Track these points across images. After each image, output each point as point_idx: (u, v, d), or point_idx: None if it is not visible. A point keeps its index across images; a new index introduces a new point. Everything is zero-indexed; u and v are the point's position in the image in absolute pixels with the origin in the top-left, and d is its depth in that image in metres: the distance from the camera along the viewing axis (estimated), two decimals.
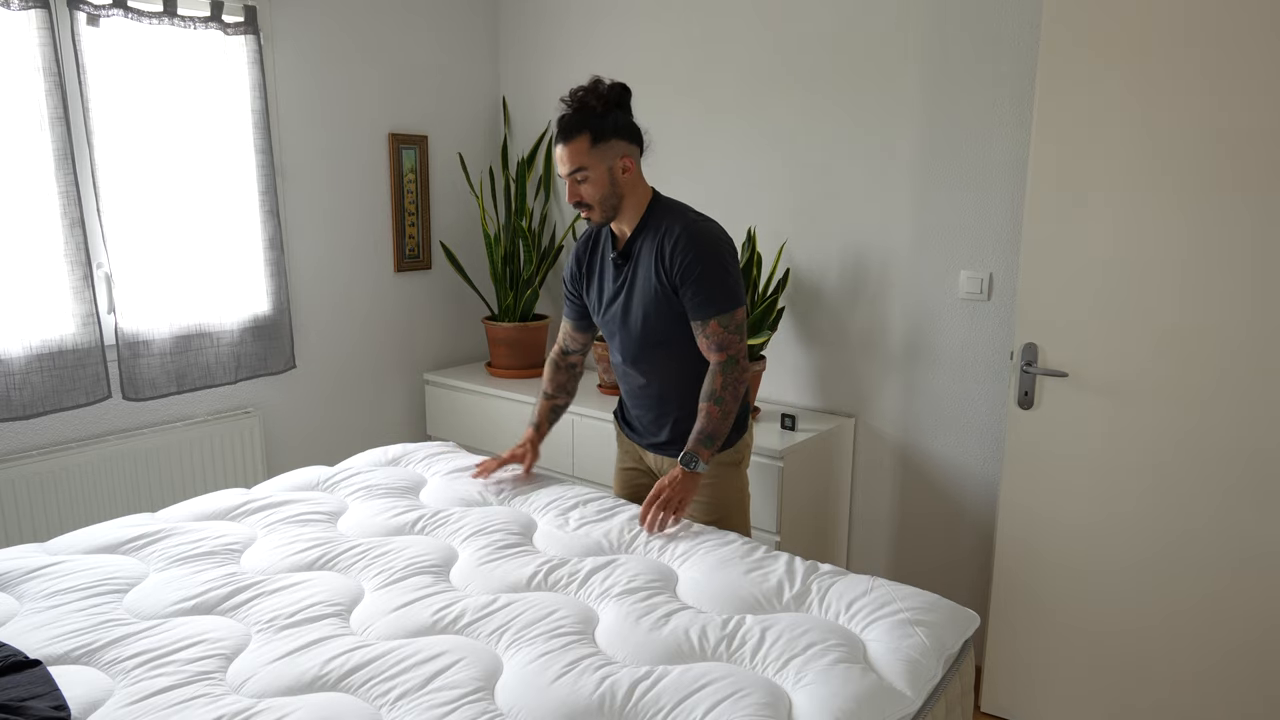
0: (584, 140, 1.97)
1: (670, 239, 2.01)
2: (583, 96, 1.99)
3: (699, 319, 2.02)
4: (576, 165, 1.98)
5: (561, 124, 1.99)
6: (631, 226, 2.09)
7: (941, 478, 2.75)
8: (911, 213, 2.68)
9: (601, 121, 1.98)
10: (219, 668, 1.48)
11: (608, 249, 2.16)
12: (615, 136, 2.00)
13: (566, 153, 1.99)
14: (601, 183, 2.00)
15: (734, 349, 2.03)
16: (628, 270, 2.10)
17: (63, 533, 2.54)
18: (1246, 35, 1.93)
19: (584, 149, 1.98)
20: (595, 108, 1.98)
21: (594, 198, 2.02)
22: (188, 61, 2.70)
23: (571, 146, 1.98)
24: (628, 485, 2.36)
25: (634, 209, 2.07)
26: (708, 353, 2.05)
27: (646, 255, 2.06)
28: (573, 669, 1.46)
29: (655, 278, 2.03)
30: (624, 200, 2.05)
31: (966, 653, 1.70)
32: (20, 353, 2.46)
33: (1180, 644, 2.22)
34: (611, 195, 2.03)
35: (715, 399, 2.03)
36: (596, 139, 1.98)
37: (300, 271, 3.14)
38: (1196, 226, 2.05)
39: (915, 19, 2.58)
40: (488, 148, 3.69)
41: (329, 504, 2.15)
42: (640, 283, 2.07)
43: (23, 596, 1.70)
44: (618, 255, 2.11)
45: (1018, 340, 2.30)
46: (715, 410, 2.03)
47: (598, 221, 2.07)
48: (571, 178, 2.01)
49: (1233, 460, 2.09)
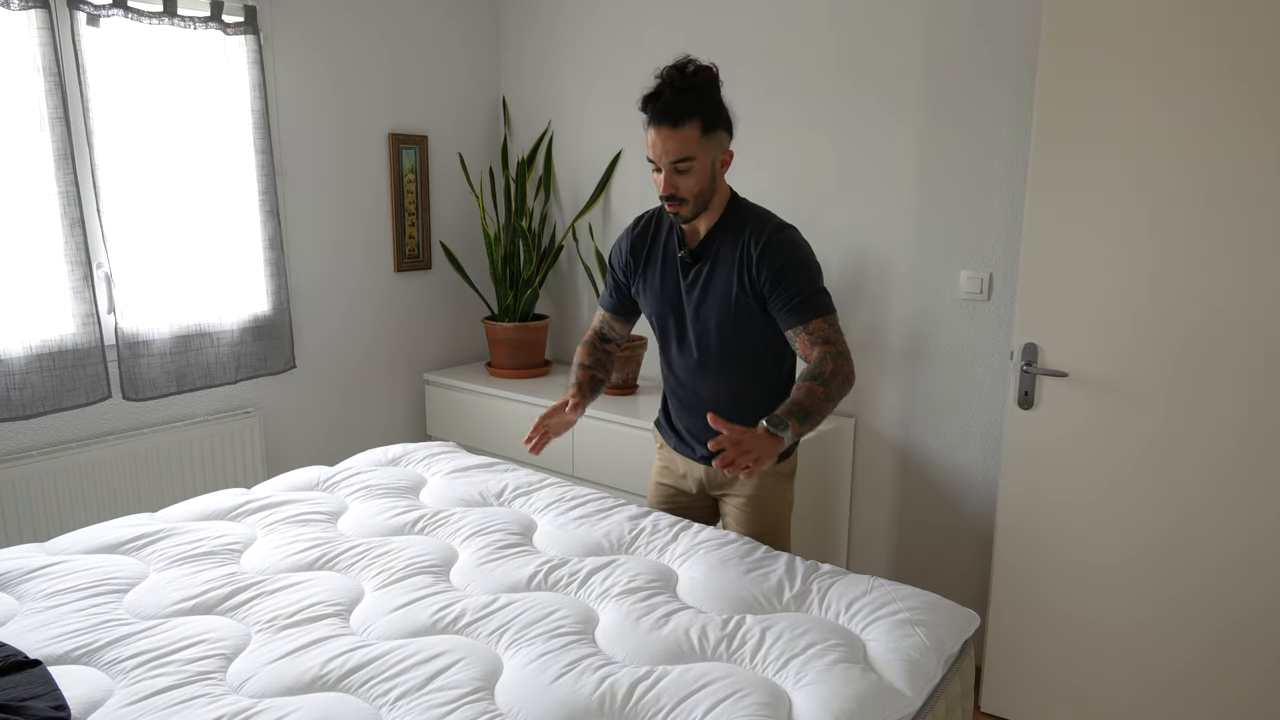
0: (695, 127, 1.78)
1: (757, 244, 1.86)
2: (692, 77, 1.78)
3: (800, 321, 1.86)
4: (684, 154, 1.79)
5: (667, 106, 1.77)
6: (708, 225, 1.93)
7: (941, 478, 2.75)
8: (911, 213, 2.68)
9: (714, 108, 1.81)
10: (219, 668, 1.48)
11: (671, 243, 2.00)
12: (722, 127, 1.84)
13: (674, 139, 1.78)
14: (704, 176, 1.83)
15: (841, 345, 1.86)
16: (701, 270, 1.95)
17: (63, 533, 2.54)
18: (1247, 35, 1.93)
19: (694, 137, 1.78)
20: (706, 91, 1.80)
21: (691, 191, 1.84)
22: (188, 61, 2.70)
23: (681, 133, 1.78)
24: (665, 501, 2.23)
25: (716, 207, 1.92)
26: (810, 348, 1.86)
27: (727, 258, 1.91)
28: (573, 669, 1.46)
29: (737, 283, 1.89)
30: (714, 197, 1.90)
31: (966, 653, 1.70)
32: (20, 353, 2.46)
33: (1180, 644, 2.22)
34: (708, 190, 1.86)
35: (823, 380, 1.80)
36: (708, 127, 1.79)
37: (300, 271, 3.14)
38: (1196, 226, 2.05)
39: (916, 19, 2.58)
40: (488, 148, 3.69)
41: (329, 504, 2.15)
42: (718, 285, 1.92)
43: (23, 596, 1.70)
44: (688, 254, 1.96)
45: (1018, 340, 2.30)
46: (820, 390, 1.79)
47: (686, 218, 1.88)
48: (673, 168, 1.81)
49: (1233, 460, 2.09)
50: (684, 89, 1.77)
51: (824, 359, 1.83)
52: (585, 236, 3.51)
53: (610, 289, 2.16)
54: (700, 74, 1.79)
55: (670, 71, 1.79)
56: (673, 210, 1.87)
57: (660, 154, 1.81)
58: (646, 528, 2.01)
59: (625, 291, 2.12)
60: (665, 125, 1.78)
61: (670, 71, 1.79)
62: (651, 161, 1.84)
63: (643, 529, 2.00)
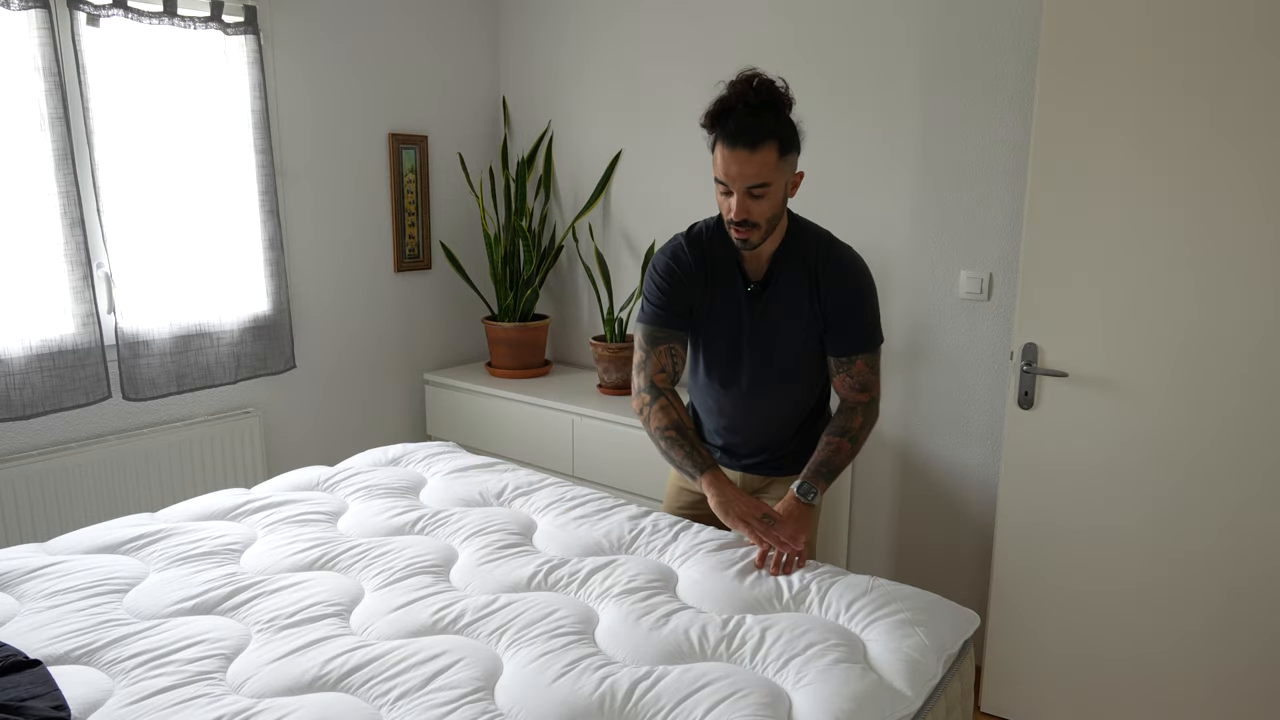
0: (772, 150, 1.64)
1: (826, 268, 1.79)
2: (768, 95, 1.65)
3: (845, 355, 1.82)
4: (761, 180, 1.65)
5: (744, 127, 1.63)
6: (772, 248, 1.82)
7: (941, 478, 2.75)
8: (911, 213, 2.68)
9: (791, 130, 1.68)
10: (219, 668, 1.48)
11: (730, 271, 1.85)
12: (796, 148, 1.71)
13: (752, 163, 1.64)
14: (778, 200, 1.70)
15: (876, 390, 1.87)
16: (768, 301, 1.84)
17: (63, 533, 2.54)
18: (1247, 34, 1.93)
19: (772, 161, 1.65)
20: (782, 112, 1.67)
21: (765, 216, 1.70)
22: (188, 61, 2.70)
23: (759, 156, 1.64)
24: (687, 508, 2.17)
25: (779, 229, 1.81)
26: (848, 391, 1.84)
27: (793, 285, 1.81)
28: (573, 669, 1.46)
29: (809, 309, 1.81)
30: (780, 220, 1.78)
31: (966, 653, 1.70)
32: (20, 353, 2.46)
33: (1180, 643, 2.22)
34: (779, 215, 1.74)
35: (850, 436, 1.83)
36: (785, 149, 1.67)
37: (300, 271, 3.14)
38: (1196, 226, 2.05)
39: (915, 18, 2.58)
40: (488, 148, 3.69)
41: (329, 504, 2.15)
42: (786, 314, 1.83)
43: (23, 596, 1.70)
44: (757, 285, 1.84)
45: (1018, 340, 2.30)
46: (847, 447, 1.83)
47: (756, 243, 1.74)
48: (747, 192, 1.67)
49: (1233, 460, 2.09)
50: (759, 107, 1.65)
51: (854, 412, 1.85)
52: (585, 236, 3.51)
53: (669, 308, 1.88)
54: (771, 90, 1.66)
55: (740, 85, 1.66)
56: (742, 236, 1.73)
57: (735, 177, 1.67)
58: (646, 528, 2.00)
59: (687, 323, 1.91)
60: (742, 148, 1.64)
61: (740, 85, 1.66)
62: (721, 183, 1.70)
63: (643, 529, 2.00)
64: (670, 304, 1.89)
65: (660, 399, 1.91)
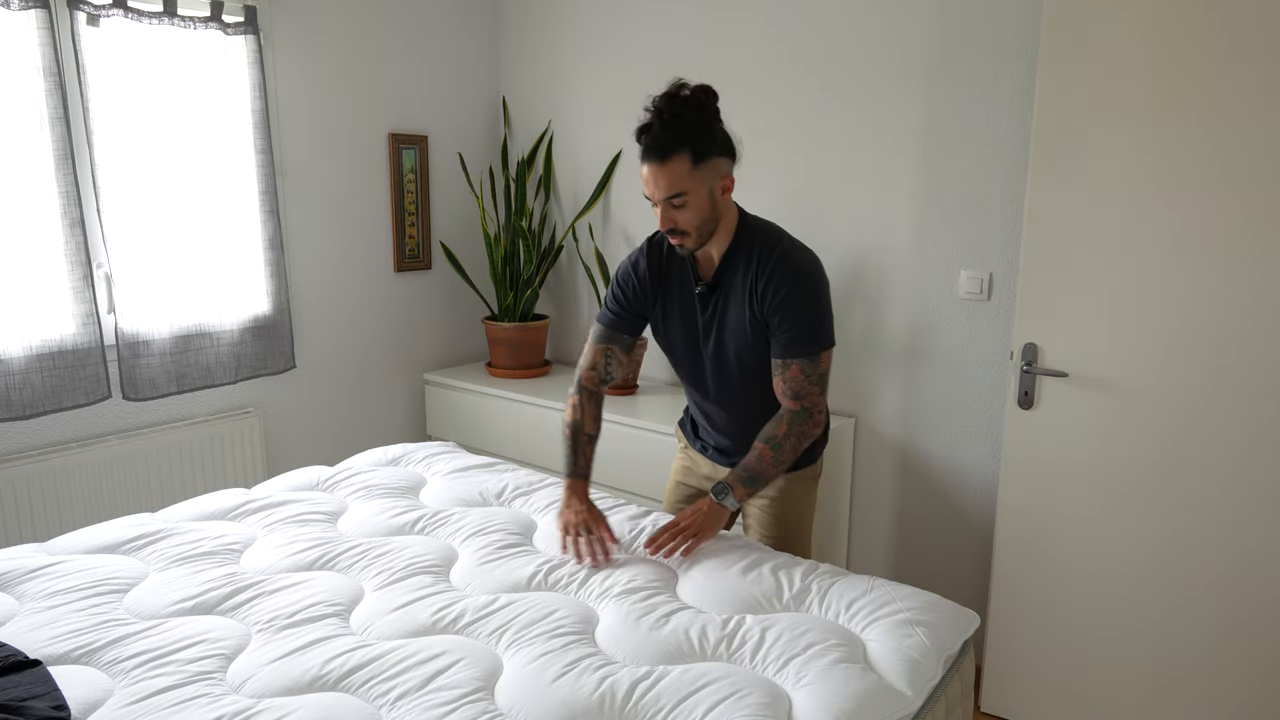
0: (684, 160, 1.70)
1: (765, 267, 1.79)
2: (679, 107, 1.70)
3: (780, 358, 1.82)
4: (675, 190, 1.71)
5: (654, 141, 1.70)
6: (720, 251, 1.85)
7: (941, 478, 2.75)
8: (911, 213, 2.68)
9: (703, 138, 1.71)
10: (219, 668, 1.48)
11: (686, 275, 1.91)
12: (718, 154, 1.74)
13: (663, 175, 1.70)
14: (702, 207, 1.74)
15: (810, 401, 1.84)
16: (716, 302, 1.87)
17: (63, 533, 2.54)
18: (1246, 35, 1.93)
19: (684, 171, 1.70)
20: (694, 121, 1.71)
21: (691, 224, 1.75)
22: (188, 61, 2.70)
23: (669, 168, 1.70)
24: (685, 501, 2.21)
25: (725, 231, 1.83)
26: (781, 396, 1.84)
27: (739, 286, 1.83)
28: (573, 669, 1.46)
29: (749, 311, 1.82)
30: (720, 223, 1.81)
31: (966, 653, 1.70)
32: (20, 353, 2.46)
33: (1180, 643, 2.22)
34: (710, 220, 1.77)
35: (774, 444, 1.84)
36: (699, 158, 1.71)
37: (300, 271, 3.14)
38: (1196, 226, 2.04)
39: (915, 19, 2.58)
40: (488, 148, 3.69)
41: (329, 504, 2.15)
42: (732, 318, 1.85)
43: (23, 596, 1.70)
44: (705, 287, 1.87)
45: (1018, 340, 2.30)
46: (769, 454, 1.85)
47: (691, 249, 1.80)
48: (667, 203, 1.73)
49: (1232, 460, 2.09)
50: (671, 119, 1.70)
51: (780, 420, 1.86)
52: (585, 236, 3.51)
53: (614, 319, 1.99)
54: (690, 101, 1.71)
55: (660, 101, 1.71)
56: (677, 243, 1.80)
57: (652, 190, 1.74)
58: (646, 527, 2.00)
59: (638, 325, 1.99)
60: (653, 161, 1.71)
61: (660, 101, 1.71)
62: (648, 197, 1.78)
63: (643, 529, 2.00)
64: (621, 310, 1.98)
65: (577, 396, 2.03)
